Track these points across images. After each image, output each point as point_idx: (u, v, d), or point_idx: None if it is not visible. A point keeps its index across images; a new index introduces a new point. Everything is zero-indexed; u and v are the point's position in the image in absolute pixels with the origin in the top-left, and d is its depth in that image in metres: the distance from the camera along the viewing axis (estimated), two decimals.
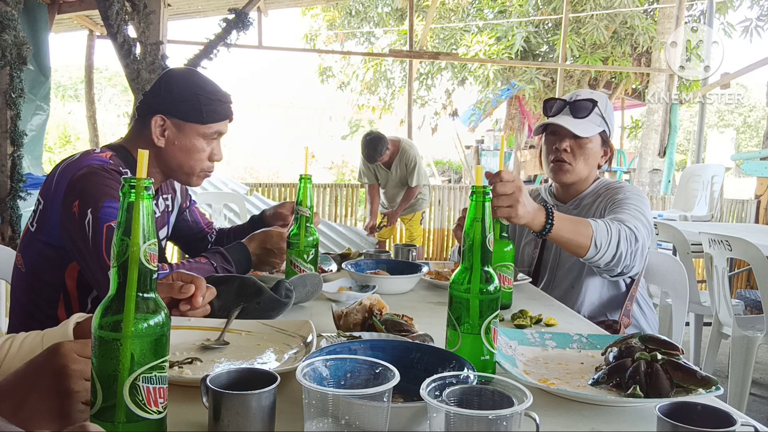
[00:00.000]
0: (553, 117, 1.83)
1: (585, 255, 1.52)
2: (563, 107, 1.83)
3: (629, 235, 1.56)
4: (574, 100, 1.82)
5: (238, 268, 1.54)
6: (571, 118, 1.80)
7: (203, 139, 1.50)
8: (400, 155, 4.80)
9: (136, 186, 0.68)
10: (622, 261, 1.56)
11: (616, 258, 1.54)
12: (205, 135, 1.50)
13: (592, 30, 9.42)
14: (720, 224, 5.36)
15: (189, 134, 1.49)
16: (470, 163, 12.99)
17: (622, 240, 1.54)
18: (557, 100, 1.87)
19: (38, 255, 1.43)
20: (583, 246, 1.50)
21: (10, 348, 0.91)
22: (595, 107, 1.80)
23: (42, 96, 5.04)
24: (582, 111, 1.80)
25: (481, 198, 0.97)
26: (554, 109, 1.85)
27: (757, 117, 22.65)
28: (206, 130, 1.50)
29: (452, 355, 0.95)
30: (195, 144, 1.50)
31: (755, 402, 3.26)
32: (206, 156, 1.53)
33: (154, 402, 0.69)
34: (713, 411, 0.73)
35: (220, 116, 1.51)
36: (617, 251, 1.53)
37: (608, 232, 1.52)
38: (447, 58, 9.43)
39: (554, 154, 1.84)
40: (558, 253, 1.91)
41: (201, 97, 1.47)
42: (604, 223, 1.54)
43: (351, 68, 13.34)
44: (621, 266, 1.58)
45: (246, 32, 4.71)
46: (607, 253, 1.52)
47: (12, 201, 3.64)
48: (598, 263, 1.55)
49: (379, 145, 4.59)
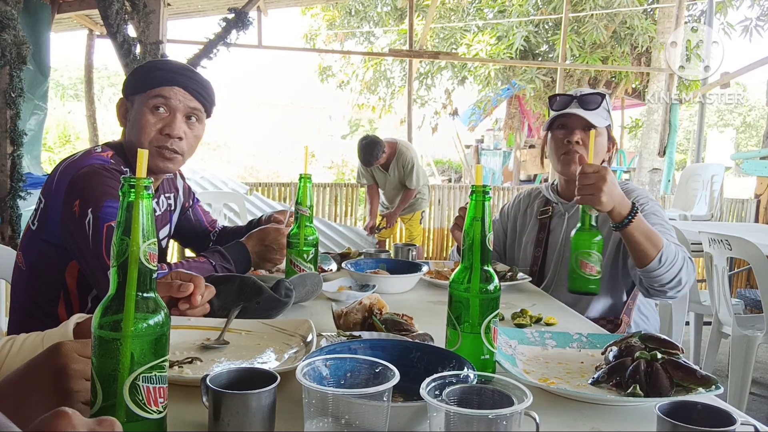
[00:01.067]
0: (562, 110, 1.81)
1: (647, 265, 1.54)
2: (571, 101, 1.81)
3: (690, 266, 1.60)
4: (581, 95, 1.80)
5: (238, 266, 1.54)
6: (581, 110, 1.78)
7: (147, 109, 1.46)
8: (397, 157, 4.81)
9: (135, 185, 0.68)
10: (680, 286, 1.58)
11: (675, 281, 1.57)
12: (147, 104, 1.46)
13: (592, 30, 9.42)
14: (720, 223, 5.36)
15: (137, 108, 1.48)
16: (470, 162, 12.99)
17: (684, 267, 1.57)
18: (563, 95, 1.85)
19: (39, 253, 1.43)
20: (650, 255, 1.53)
21: (11, 349, 0.91)
22: (603, 100, 1.79)
23: (40, 95, 5.04)
24: (592, 103, 1.78)
25: (480, 197, 0.97)
26: (562, 103, 1.82)
27: (756, 116, 22.65)
28: (147, 99, 1.46)
29: (452, 354, 0.95)
30: (141, 114, 1.46)
31: (755, 401, 3.26)
32: (156, 129, 1.47)
33: (154, 402, 0.69)
34: (713, 410, 0.73)
35: (157, 81, 1.47)
36: (678, 275, 1.56)
37: (675, 254, 1.55)
38: (447, 57, 9.42)
39: (565, 148, 1.81)
40: (562, 252, 1.90)
41: (141, 69, 1.51)
42: (672, 246, 1.57)
43: (351, 68, 13.34)
44: (675, 291, 1.60)
45: (246, 32, 4.71)
46: (669, 273, 1.55)
47: (12, 200, 3.64)
48: (659, 279, 1.56)
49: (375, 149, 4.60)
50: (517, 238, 2.08)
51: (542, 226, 1.99)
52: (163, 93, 1.46)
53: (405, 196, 4.99)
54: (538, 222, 2.01)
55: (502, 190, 6.98)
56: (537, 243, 1.99)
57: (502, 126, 12.95)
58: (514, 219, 2.12)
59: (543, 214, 2.00)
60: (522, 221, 2.08)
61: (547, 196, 2.02)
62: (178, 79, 1.48)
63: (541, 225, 2.00)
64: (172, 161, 1.50)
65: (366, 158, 4.64)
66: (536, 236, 2.00)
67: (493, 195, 6.64)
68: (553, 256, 1.93)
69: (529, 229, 2.04)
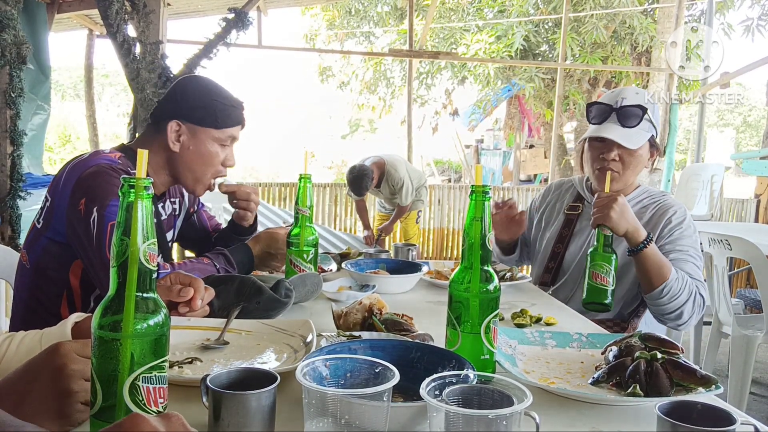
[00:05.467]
0: (599, 125, 1.72)
1: (648, 292, 1.60)
2: (609, 113, 1.71)
3: (698, 302, 1.62)
4: (621, 107, 1.69)
5: (241, 269, 1.55)
6: (619, 127, 1.68)
7: (217, 144, 1.53)
8: (386, 178, 4.84)
9: (135, 186, 0.68)
10: (680, 319, 1.62)
11: (675, 314, 1.61)
12: (219, 140, 1.53)
13: (592, 29, 9.42)
14: (720, 223, 5.36)
15: (204, 139, 1.51)
16: (470, 162, 12.99)
17: (688, 303, 1.60)
18: (601, 104, 1.74)
19: (43, 251, 1.44)
20: (654, 284, 1.58)
21: (9, 347, 0.91)
22: (644, 115, 1.69)
23: (42, 95, 5.03)
24: (632, 120, 1.68)
25: (480, 197, 0.97)
26: (599, 116, 1.73)
27: (756, 116, 22.63)
28: (220, 135, 1.52)
29: (452, 354, 0.95)
30: (209, 149, 1.52)
31: (755, 401, 3.26)
32: (220, 161, 1.55)
33: (154, 402, 0.69)
34: (713, 410, 0.73)
35: (234, 121, 1.54)
36: (679, 309, 1.60)
37: (680, 289, 1.58)
38: (447, 57, 9.41)
39: (600, 163, 1.73)
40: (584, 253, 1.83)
41: (216, 102, 1.50)
42: (682, 280, 1.59)
43: (351, 68, 13.33)
44: (675, 323, 1.64)
45: (246, 32, 4.70)
46: (670, 305, 1.59)
47: (12, 200, 3.64)
48: (659, 308, 1.61)
49: (363, 181, 4.64)
50: (541, 231, 2.00)
51: (568, 222, 1.92)
52: (235, 134, 1.56)
53: (398, 212, 5.04)
54: (564, 217, 1.94)
55: (502, 190, 6.98)
56: (559, 239, 1.91)
57: (502, 126, 12.95)
58: (541, 212, 2.03)
59: (572, 209, 1.93)
60: (549, 214, 2.00)
61: (579, 191, 1.95)
62: (244, 118, 1.57)
63: (567, 221, 1.92)
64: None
65: (356, 190, 4.73)
66: (560, 231, 1.92)
67: (493, 195, 6.63)
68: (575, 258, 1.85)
69: (554, 224, 1.96)
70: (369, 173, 4.65)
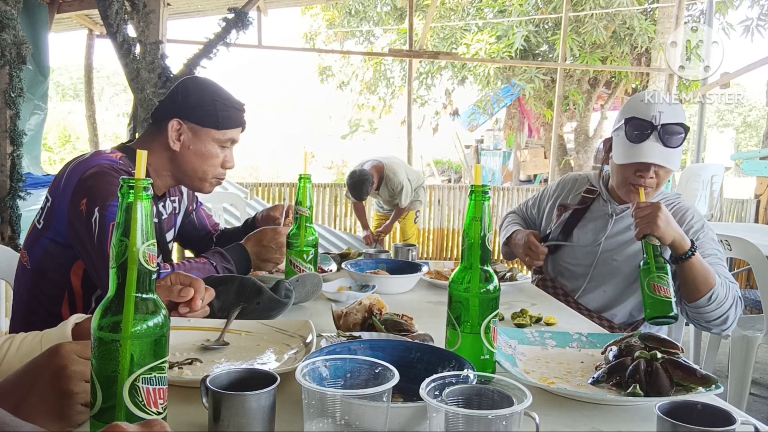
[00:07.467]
0: (639, 144, 1.65)
1: (696, 300, 1.56)
2: (650, 132, 1.64)
3: (739, 304, 1.60)
4: (662, 125, 1.63)
5: (238, 267, 1.55)
6: (660, 146, 1.63)
7: (217, 145, 1.54)
8: (385, 182, 4.85)
9: (134, 187, 0.68)
10: (725, 324, 1.60)
11: (721, 319, 1.59)
12: (219, 141, 1.53)
13: (592, 30, 9.42)
14: (720, 224, 5.35)
15: (204, 139, 1.51)
16: (470, 162, 12.99)
17: (733, 307, 1.59)
18: (642, 121, 1.65)
19: (44, 252, 1.44)
20: (701, 292, 1.55)
21: (9, 348, 0.91)
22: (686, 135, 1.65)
23: (40, 95, 5.04)
24: (675, 140, 1.64)
25: (480, 197, 0.97)
26: (640, 134, 1.65)
27: (756, 116, 22.63)
28: (221, 136, 1.53)
29: (452, 354, 0.95)
30: (209, 149, 1.53)
31: (755, 402, 3.26)
32: (219, 162, 1.56)
33: (153, 403, 0.69)
34: (713, 410, 0.74)
35: (235, 123, 1.55)
36: (725, 314, 1.58)
37: (726, 294, 1.57)
38: (447, 57, 9.41)
39: (636, 181, 1.68)
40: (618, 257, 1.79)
41: (217, 103, 1.51)
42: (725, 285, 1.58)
43: (351, 68, 13.32)
44: (720, 328, 1.61)
45: (245, 32, 4.70)
46: (717, 311, 1.57)
47: (11, 201, 3.63)
48: (705, 315, 1.58)
49: (364, 186, 4.65)
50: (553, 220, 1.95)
51: (574, 213, 1.88)
52: (235, 136, 1.57)
53: (396, 213, 5.05)
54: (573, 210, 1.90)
55: (502, 191, 6.98)
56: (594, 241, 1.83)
57: (502, 126, 12.95)
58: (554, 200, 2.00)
59: (582, 203, 1.89)
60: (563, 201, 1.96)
61: (598, 186, 1.89)
62: (244, 120, 1.58)
63: (573, 212, 1.89)
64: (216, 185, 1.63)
65: (356, 195, 4.74)
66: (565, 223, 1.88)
67: (493, 195, 6.64)
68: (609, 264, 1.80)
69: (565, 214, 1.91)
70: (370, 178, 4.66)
